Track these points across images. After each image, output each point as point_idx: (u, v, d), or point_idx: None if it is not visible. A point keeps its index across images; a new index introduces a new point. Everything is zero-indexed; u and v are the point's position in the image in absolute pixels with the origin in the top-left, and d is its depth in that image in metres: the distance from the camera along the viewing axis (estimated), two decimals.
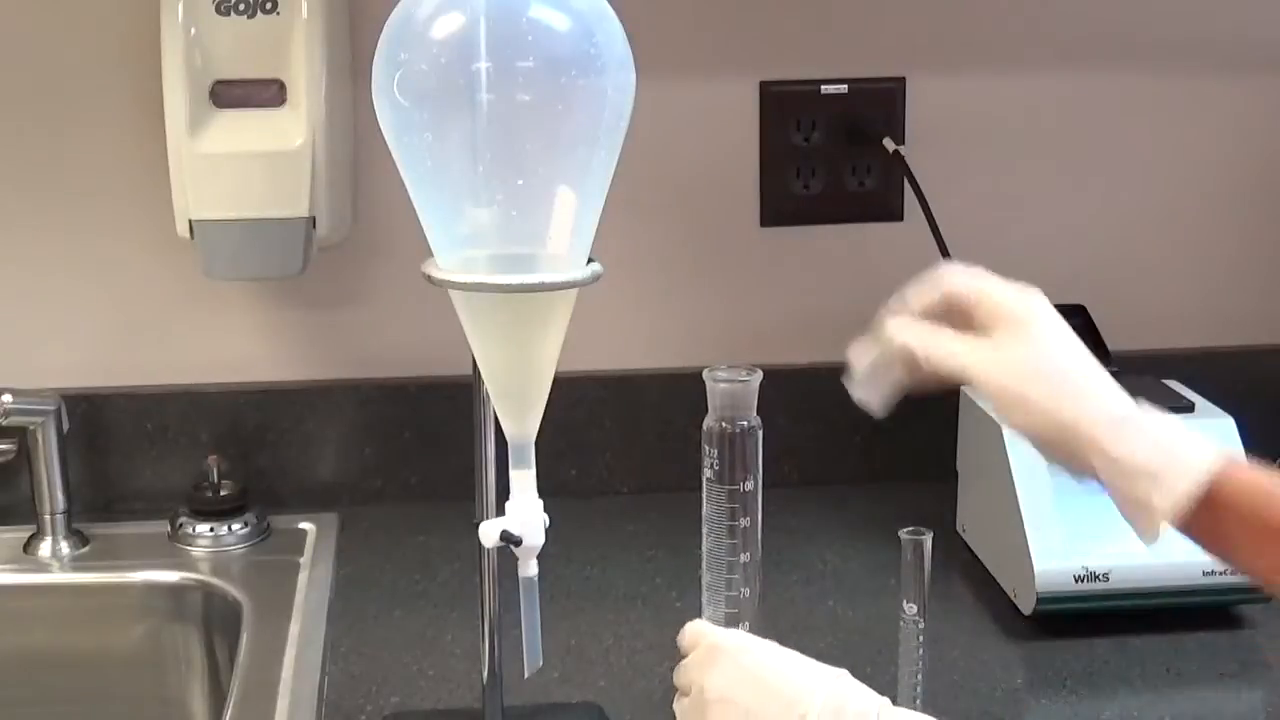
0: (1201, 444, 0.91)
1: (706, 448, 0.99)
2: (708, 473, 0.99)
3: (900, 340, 0.96)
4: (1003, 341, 0.94)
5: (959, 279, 0.97)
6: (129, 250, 1.49)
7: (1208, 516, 0.90)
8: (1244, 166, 1.60)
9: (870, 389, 0.97)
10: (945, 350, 0.95)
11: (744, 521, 0.99)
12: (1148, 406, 0.93)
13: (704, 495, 0.99)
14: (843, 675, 0.90)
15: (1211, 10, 1.56)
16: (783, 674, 0.90)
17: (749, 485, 0.98)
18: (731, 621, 0.98)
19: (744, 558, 0.99)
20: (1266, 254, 1.62)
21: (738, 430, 0.98)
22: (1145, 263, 1.61)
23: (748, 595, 0.99)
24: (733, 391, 0.98)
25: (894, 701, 1.02)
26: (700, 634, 0.95)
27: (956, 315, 0.96)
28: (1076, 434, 0.91)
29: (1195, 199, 1.61)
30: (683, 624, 1.33)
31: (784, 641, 1.32)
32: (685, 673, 0.95)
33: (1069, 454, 0.92)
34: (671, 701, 1.19)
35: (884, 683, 1.03)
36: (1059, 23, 1.55)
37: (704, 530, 0.99)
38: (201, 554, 1.41)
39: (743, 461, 0.99)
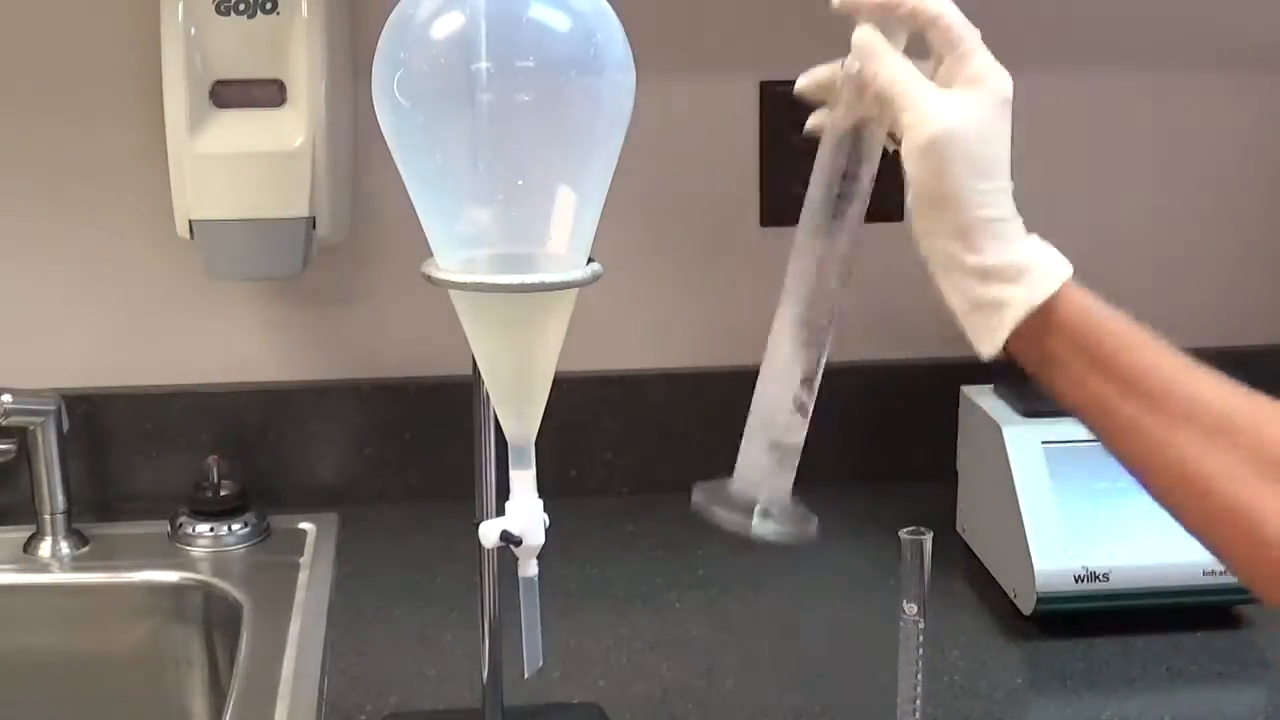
0: (1056, 258, 0.91)
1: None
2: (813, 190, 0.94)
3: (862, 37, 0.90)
4: (969, 98, 0.89)
5: (949, 10, 0.92)
6: (129, 250, 1.49)
7: (1041, 332, 0.89)
8: (1244, 166, 1.60)
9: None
10: (901, 72, 0.89)
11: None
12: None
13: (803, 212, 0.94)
14: None
15: (1212, 10, 1.56)
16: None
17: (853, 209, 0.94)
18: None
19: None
20: (1267, 254, 1.62)
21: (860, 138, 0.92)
22: (1145, 263, 1.61)
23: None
24: None
25: (894, 701, 1.02)
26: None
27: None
28: (956, 219, 0.89)
29: (1195, 199, 1.61)
30: (683, 624, 1.33)
31: (783, 641, 1.32)
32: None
33: (935, 232, 0.90)
34: (670, 701, 1.19)
35: (884, 683, 1.03)
36: (1059, 23, 1.55)
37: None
38: (201, 554, 1.41)
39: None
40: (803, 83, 0.95)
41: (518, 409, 0.95)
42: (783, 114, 1.54)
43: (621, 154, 0.91)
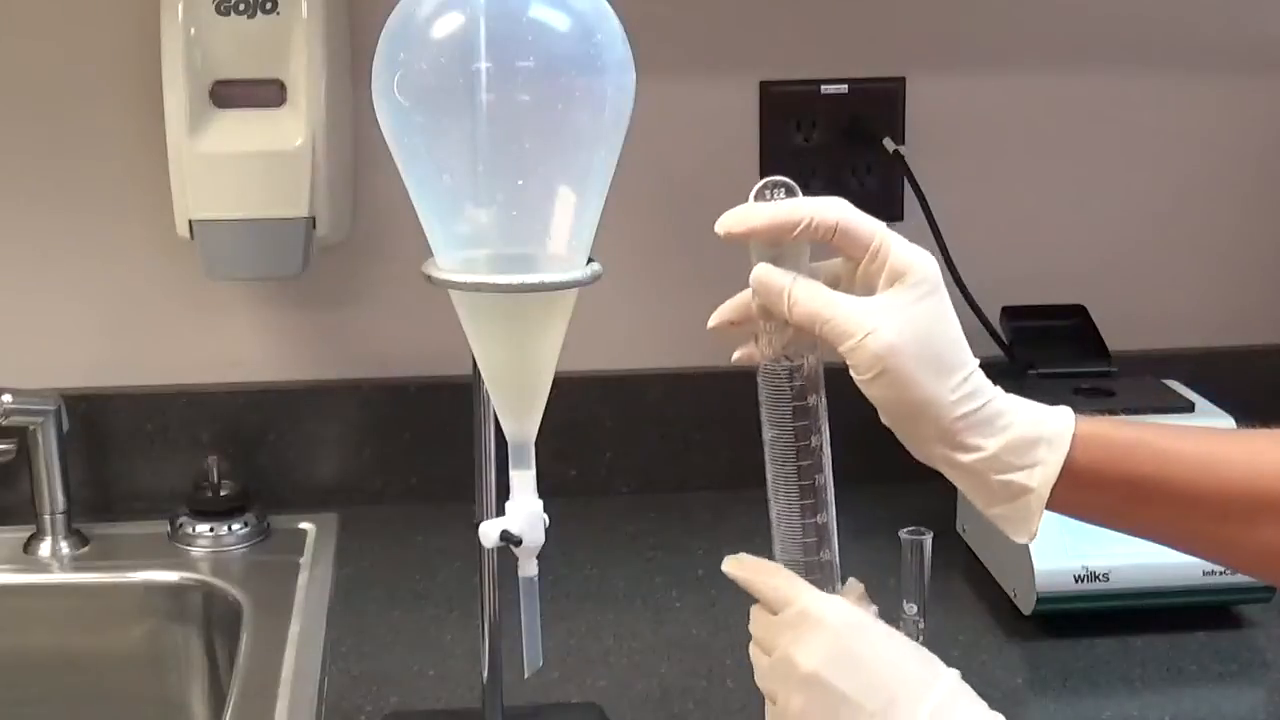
0: (1054, 413, 0.85)
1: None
2: (770, 432, 0.87)
3: (761, 277, 0.86)
4: (900, 298, 0.82)
5: (849, 214, 0.84)
6: (129, 250, 1.49)
7: (1087, 488, 0.84)
8: (1244, 166, 1.60)
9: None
10: (817, 299, 0.83)
11: (818, 480, 0.89)
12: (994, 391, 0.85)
13: (768, 456, 0.88)
14: (954, 675, 0.81)
15: (1212, 10, 1.56)
16: (893, 666, 0.81)
17: (815, 441, 0.88)
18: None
19: (820, 519, 0.89)
20: (1266, 254, 1.62)
21: (797, 367, 0.87)
22: (1145, 263, 1.61)
23: (827, 557, 0.90)
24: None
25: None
26: (796, 595, 0.84)
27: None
28: (938, 426, 0.84)
29: (1195, 199, 1.61)
30: (683, 624, 1.33)
31: None
32: (772, 632, 0.84)
33: (923, 440, 0.85)
34: (670, 701, 1.19)
35: None
36: (1058, 23, 1.55)
37: (771, 496, 0.88)
38: (201, 554, 1.41)
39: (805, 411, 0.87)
40: (713, 324, 0.92)
41: (518, 409, 0.94)
42: (783, 114, 1.54)
43: (622, 154, 0.91)
